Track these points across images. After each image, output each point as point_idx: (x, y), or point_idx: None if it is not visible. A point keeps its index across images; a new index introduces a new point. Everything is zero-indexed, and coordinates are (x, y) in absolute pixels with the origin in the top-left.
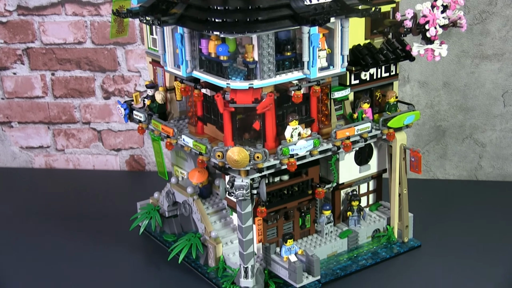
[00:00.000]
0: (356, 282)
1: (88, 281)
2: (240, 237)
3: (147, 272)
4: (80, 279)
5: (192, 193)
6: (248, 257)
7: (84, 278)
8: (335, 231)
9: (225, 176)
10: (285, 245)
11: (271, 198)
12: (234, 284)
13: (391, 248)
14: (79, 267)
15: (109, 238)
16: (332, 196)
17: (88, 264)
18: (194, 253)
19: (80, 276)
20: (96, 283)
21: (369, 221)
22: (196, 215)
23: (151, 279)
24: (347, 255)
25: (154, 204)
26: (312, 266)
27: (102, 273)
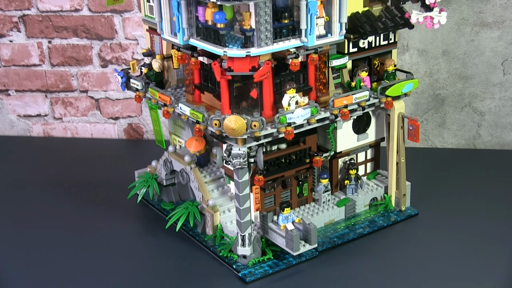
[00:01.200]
0: (353, 250)
1: (86, 249)
2: (238, 205)
3: (144, 240)
4: (77, 247)
5: (190, 161)
6: (246, 226)
7: (82, 247)
8: (333, 200)
9: (222, 144)
10: (282, 214)
11: (268, 167)
12: (231, 252)
13: (388, 216)
14: (77, 235)
15: (106, 206)
16: (329, 164)
17: (85, 232)
18: (191, 221)
19: (77, 244)
20: (93, 251)
21: (367, 190)
22: (193, 183)
23: (149, 247)
24: (344, 224)
25: (151, 173)
26: (309, 234)
27: (100, 241)
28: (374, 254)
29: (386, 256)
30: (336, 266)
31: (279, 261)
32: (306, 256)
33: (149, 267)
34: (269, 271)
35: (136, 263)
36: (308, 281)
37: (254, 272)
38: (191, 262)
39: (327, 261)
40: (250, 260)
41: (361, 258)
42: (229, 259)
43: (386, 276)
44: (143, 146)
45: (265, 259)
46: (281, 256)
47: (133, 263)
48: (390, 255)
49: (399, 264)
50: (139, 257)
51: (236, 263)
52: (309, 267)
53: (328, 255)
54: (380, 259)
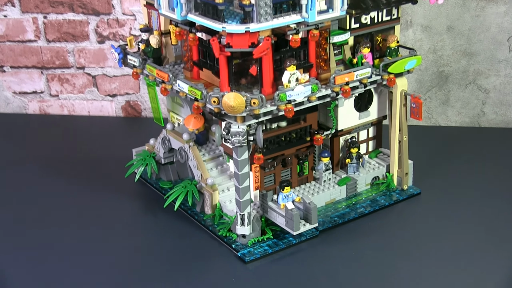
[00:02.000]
0: (354, 229)
1: (82, 228)
2: (237, 184)
3: (143, 219)
4: (74, 226)
5: (188, 139)
6: (245, 205)
7: (78, 226)
8: (334, 179)
9: (221, 122)
10: (282, 193)
11: (268, 145)
12: (230, 232)
13: (390, 195)
14: (73, 214)
15: (104, 185)
16: (330, 143)
17: (83, 211)
18: (190, 200)
19: (74, 223)
20: (90, 230)
21: (368, 168)
22: (192, 162)
23: (147, 226)
24: (345, 203)
25: (149, 151)
26: (309, 213)
27: (98, 220)
28: (375, 233)
29: (387, 235)
30: (336, 245)
31: (279, 241)
32: (306, 235)
33: (147, 246)
34: (268, 250)
35: (134, 242)
36: (308, 260)
37: (253, 251)
38: (189, 242)
39: (327, 240)
40: (249, 240)
41: (362, 237)
42: (228, 239)
43: (386, 256)
44: (141, 124)
45: (264, 239)
46: (281, 236)
47: (131, 243)
48: (391, 234)
49: (400, 244)
50: (137, 236)
51: (235, 243)
52: (310, 247)
53: (328, 235)
54: (381, 238)
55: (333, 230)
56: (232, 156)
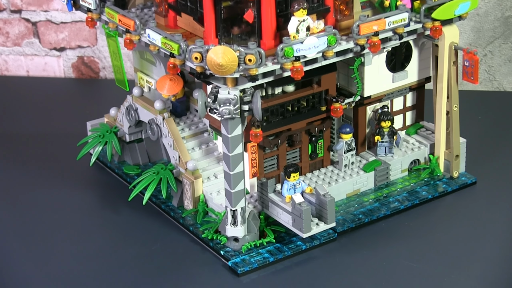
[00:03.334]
0: (385, 232)
1: (22, 229)
2: (227, 169)
3: (101, 217)
4: (11, 226)
5: (162, 109)
6: (237, 197)
7: (16, 225)
8: (358, 163)
9: (206, 86)
10: (288, 181)
11: (269, 117)
12: (218, 234)
13: (435, 185)
14: (11, 211)
15: (49, 171)
16: (354, 114)
17: (21, 206)
18: (164, 191)
19: (11, 222)
20: (33, 231)
21: (405, 149)
22: (167, 139)
23: (107, 227)
24: (373, 195)
25: (110, 125)
26: (324, 209)
27: (41, 218)
28: (413, 237)
29: (430, 240)
30: (360, 253)
31: (283, 246)
32: (320, 239)
33: (107, 253)
34: (269, 259)
35: (90, 248)
36: (322, 273)
37: (248, 260)
38: (163, 247)
39: (348, 246)
40: (243, 244)
41: (395, 242)
42: (216, 243)
43: (429, 268)
44: (98, 87)
45: (264, 243)
46: (286, 239)
47: (86, 248)
48: (435, 239)
49: (447, 252)
50: (93, 240)
51: (224, 248)
52: (324, 254)
53: (350, 238)
54: (421, 244)
55: (356, 232)
56: (220, 131)
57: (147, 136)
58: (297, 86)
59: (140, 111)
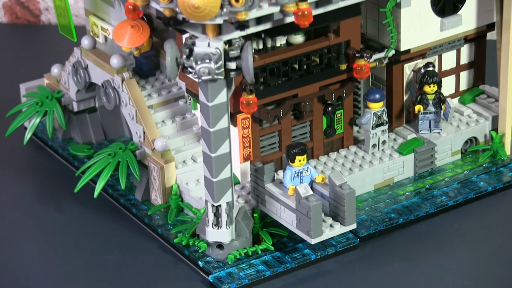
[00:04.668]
0: (426, 237)
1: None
2: (207, 150)
3: (36, 214)
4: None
5: (121, 67)
6: (221, 189)
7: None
8: (392, 142)
9: (181, 36)
10: (292, 166)
11: (267, 79)
12: (196, 238)
13: (498, 174)
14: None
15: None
16: (387, 75)
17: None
18: (123, 180)
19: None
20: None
21: (458, 123)
22: (127, 108)
23: (44, 227)
24: (412, 187)
25: (51, 88)
26: (341, 205)
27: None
28: (465, 245)
29: (488, 249)
30: (390, 266)
31: (285, 256)
32: (336, 246)
33: (45, 264)
34: (265, 273)
35: (21, 256)
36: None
37: (237, 274)
38: (121, 256)
39: (375, 256)
40: (230, 253)
41: (440, 252)
42: (192, 251)
43: (483, 286)
44: (37, 36)
45: (258, 251)
46: (290, 247)
47: (16, 257)
48: (495, 246)
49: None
50: (27, 247)
51: (204, 258)
52: (341, 268)
53: (377, 246)
54: (476, 254)
55: (386, 237)
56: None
57: (102, 104)
58: (308, 36)
59: (92, 69)
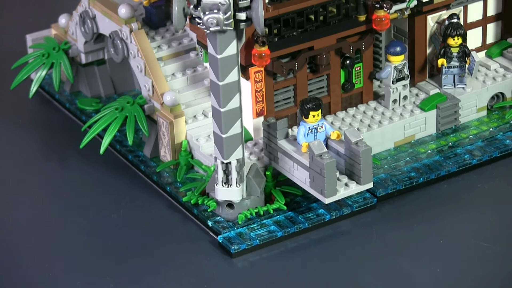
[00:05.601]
0: (448, 197)
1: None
2: (216, 105)
3: (42, 170)
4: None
5: (129, 17)
6: (231, 145)
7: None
8: (414, 97)
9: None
10: (306, 122)
11: (281, 30)
12: (205, 197)
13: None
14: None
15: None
16: (409, 27)
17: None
18: (130, 135)
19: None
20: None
21: (484, 78)
22: (136, 60)
23: (50, 184)
24: (434, 145)
25: (59, 39)
26: (356, 163)
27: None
28: (489, 205)
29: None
30: (409, 227)
31: (299, 216)
32: (352, 206)
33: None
34: (277, 233)
35: (28, 214)
36: (353, 255)
37: (247, 235)
38: (128, 214)
39: (393, 217)
40: (240, 213)
41: (461, 213)
42: (201, 210)
43: (508, 249)
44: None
45: (271, 211)
46: (304, 206)
47: (23, 215)
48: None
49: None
50: (33, 203)
51: (213, 218)
52: (357, 229)
53: (396, 206)
54: (500, 215)
55: (405, 197)
56: None
57: (111, 56)
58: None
59: (100, 20)
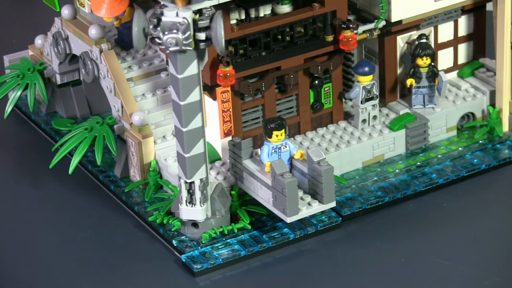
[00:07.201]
0: (413, 216)
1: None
2: (178, 125)
3: (14, 191)
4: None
5: (100, 38)
6: (194, 165)
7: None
8: (384, 117)
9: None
10: (269, 141)
11: (247, 50)
12: (171, 216)
13: (494, 151)
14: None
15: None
16: (379, 47)
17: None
18: (98, 155)
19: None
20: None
21: (453, 98)
22: (106, 80)
23: (21, 204)
24: (403, 164)
25: (35, 59)
26: (319, 182)
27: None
28: (453, 225)
29: (477, 229)
30: (373, 246)
31: (263, 235)
32: (317, 225)
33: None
34: (240, 252)
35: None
36: (316, 274)
37: (210, 254)
38: (96, 234)
39: (357, 236)
40: (205, 232)
41: (426, 232)
42: (168, 230)
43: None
44: (24, 4)
45: (235, 230)
46: (269, 225)
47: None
48: (484, 227)
49: (499, 246)
50: (6, 222)
51: (178, 237)
52: (322, 248)
53: (361, 225)
54: (463, 235)
55: (371, 216)
56: None
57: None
58: (296, 6)
59: (72, 40)
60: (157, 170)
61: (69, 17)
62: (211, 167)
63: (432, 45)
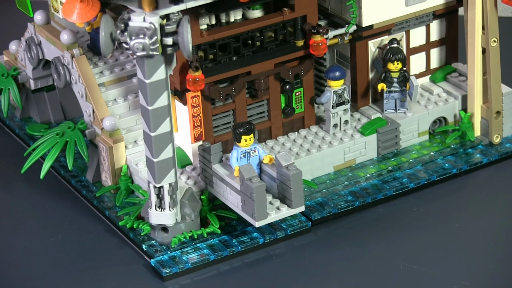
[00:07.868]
0: (382, 221)
1: None
2: (146, 129)
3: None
4: None
5: (71, 43)
6: (163, 169)
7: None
8: (355, 122)
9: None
10: (238, 146)
11: (217, 55)
12: (141, 221)
13: (465, 155)
14: None
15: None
16: (351, 52)
17: None
18: (70, 160)
19: None
20: None
21: (424, 103)
22: (77, 86)
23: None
24: (374, 169)
25: (10, 65)
26: (287, 187)
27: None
28: (422, 229)
29: (445, 234)
30: (342, 250)
31: (232, 239)
32: (286, 230)
33: None
34: (210, 257)
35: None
36: (284, 278)
37: (180, 258)
38: (66, 239)
39: (327, 241)
40: (174, 236)
41: (394, 236)
42: (137, 234)
43: (434, 271)
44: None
45: (205, 235)
46: (239, 230)
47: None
48: (452, 232)
49: (467, 251)
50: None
51: (148, 242)
52: (291, 252)
53: (331, 230)
54: (432, 239)
55: (340, 221)
56: None
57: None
58: (268, 11)
59: (45, 46)
60: (128, 174)
61: (42, 22)
62: (182, 171)
63: (404, 50)
